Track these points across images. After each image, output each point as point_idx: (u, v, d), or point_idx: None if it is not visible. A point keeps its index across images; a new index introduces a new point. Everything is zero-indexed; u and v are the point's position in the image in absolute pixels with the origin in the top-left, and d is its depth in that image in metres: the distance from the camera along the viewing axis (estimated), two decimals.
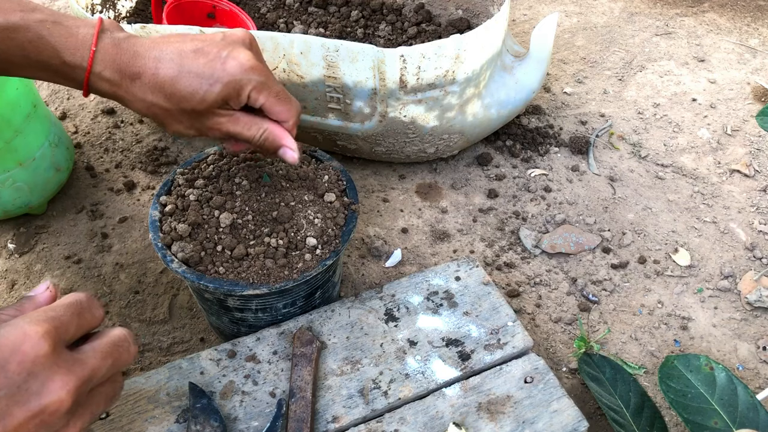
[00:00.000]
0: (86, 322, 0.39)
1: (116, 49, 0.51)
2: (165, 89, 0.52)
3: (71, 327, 0.37)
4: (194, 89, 0.52)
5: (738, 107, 1.09)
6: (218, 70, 0.51)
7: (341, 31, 1.05)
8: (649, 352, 0.75)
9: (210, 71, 0.51)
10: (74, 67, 0.51)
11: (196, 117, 0.54)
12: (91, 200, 0.91)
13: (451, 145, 0.89)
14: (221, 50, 0.52)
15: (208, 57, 0.52)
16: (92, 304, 0.40)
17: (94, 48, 0.51)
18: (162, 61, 0.51)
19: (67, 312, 0.37)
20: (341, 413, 0.58)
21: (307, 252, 0.61)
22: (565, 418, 0.57)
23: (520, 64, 0.91)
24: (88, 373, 0.37)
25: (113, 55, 0.51)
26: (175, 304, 0.79)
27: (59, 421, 0.35)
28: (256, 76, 0.53)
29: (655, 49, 1.22)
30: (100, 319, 0.40)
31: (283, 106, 0.56)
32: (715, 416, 0.58)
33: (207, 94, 0.52)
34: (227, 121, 0.55)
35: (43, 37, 0.50)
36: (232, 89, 0.52)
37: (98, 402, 0.39)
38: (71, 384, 0.35)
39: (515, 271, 0.83)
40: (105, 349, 0.39)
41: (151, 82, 0.52)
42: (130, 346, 0.41)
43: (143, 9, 1.05)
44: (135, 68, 0.51)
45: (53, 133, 0.85)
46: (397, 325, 0.65)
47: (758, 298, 0.79)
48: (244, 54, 0.52)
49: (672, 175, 0.97)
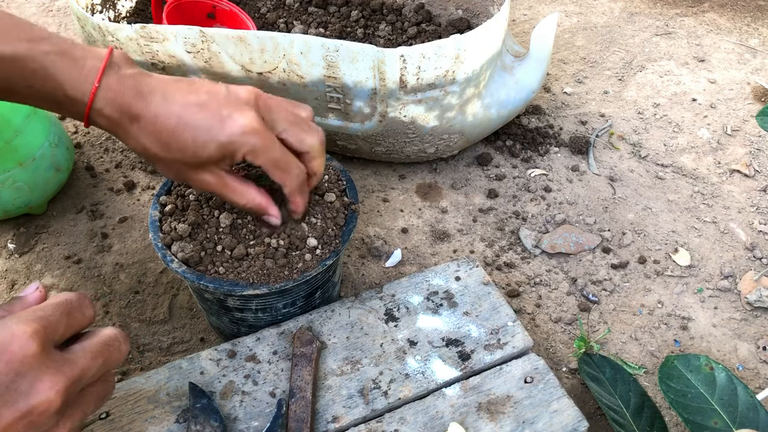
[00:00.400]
0: (76, 322, 0.38)
1: (120, 87, 0.50)
2: (161, 138, 0.51)
3: (60, 326, 0.37)
4: (188, 144, 0.50)
5: (738, 107, 1.09)
6: (215, 128, 0.50)
7: (341, 31, 1.05)
8: (649, 352, 0.75)
9: (207, 128, 0.50)
10: (75, 101, 0.50)
11: (186, 169, 0.53)
12: (91, 200, 0.91)
13: (451, 145, 0.89)
14: (223, 108, 0.51)
15: (209, 113, 0.51)
16: (83, 304, 0.39)
17: (97, 84, 0.49)
18: (163, 108, 0.50)
19: (56, 311, 0.37)
20: (341, 413, 0.58)
21: (307, 252, 0.61)
22: (565, 418, 0.57)
23: (520, 64, 0.91)
24: (78, 373, 0.36)
25: (116, 93, 0.50)
26: (175, 304, 0.79)
27: (48, 422, 0.35)
28: (253, 140, 0.51)
29: (655, 49, 1.22)
30: (91, 319, 0.40)
31: (278, 172, 0.54)
32: (715, 416, 0.58)
33: (199, 151, 0.51)
34: (215, 183, 0.54)
35: (47, 69, 0.49)
36: (226, 150, 0.51)
37: (89, 402, 0.39)
38: (60, 384, 0.35)
39: (515, 271, 0.83)
40: (95, 348, 0.38)
41: (149, 128, 0.51)
42: (121, 345, 0.40)
43: (143, 9, 1.05)
44: (135, 110, 0.50)
45: (53, 133, 0.85)
46: (397, 325, 0.65)
47: (758, 298, 0.79)
48: (246, 116, 0.51)
49: (672, 175, 0.97)
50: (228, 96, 0.52)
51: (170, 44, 0.77)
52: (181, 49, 0.78)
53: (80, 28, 0.83)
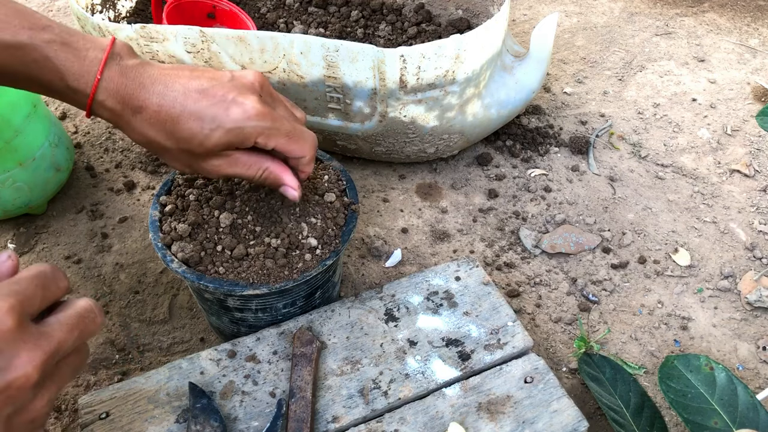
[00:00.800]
0: (51, 294, 0.38)
1: (122, 78, 0.50)
2: (166, 128, 0.50)
3: (36, 300, 0.37)
4: (194, 132, 0.50)
5: (738, 107, 1.09)
6: (221, 115, 0.50)
7: (341, 31, 1.05)
8: (649, 352, 0.75)
9: (212, 116, 0.50)
10: (77, 92, 0.50)
11: (194, 158, 0.53)
12: (91, 200, 0.91)
13: (451, 145, 0.89)
14: (227, 93, 0.50)
15: (212, 100, 0.50)
16: (56, 275, 0.39)
17: (99, 76, 0.49)
18: (166, 98, 0.50)
19: (31, 284, 0.37)
20: (341, 413, 0.58)
21: (307, 252, 0.61)
22: (565, 418, 0.57)
23: (520, 64, 0.91)
24: (55, 347, 0.36)
25: (118, 85, 0.50)
26: (175, 304, 0.79)
27: (26, 396, 0.35)
28: (262, 122, 0.51)
29: (655, 49, 1.22)
30: (65, 290, 0.39)
31: (295, 145, 0.54)
32: (715, 416, 0.58)
33: (207, 139, 0.50)
34: (225, 164, 0.53)
35: (49, 59, 0.49)
36: (234, 137, 0.51)
37: (65, 373, 0.39)
38: (38, 359, 0.35)
39: (515, 271, 0.83)
40: (71, 321, 0.38)
41: (152, 119, 0.50)
42: (96, 316, 0.40)
43: (143, 9, 1.05)
44: (138, 101, 0.50)
45: (53, 133, 0.85)
46: (397, 325, 0.65)
47: (758, 298, 0.79)
48: (251, 100, 0.51)
49: (672, 175, 0.97)
50: (232, 81, 0.52)
51: (170, 44, 0.77)
52: (181, 49, 0.78)
53: (80, 28, 0.83)
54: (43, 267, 0.38)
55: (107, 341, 0.75)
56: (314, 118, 0.84)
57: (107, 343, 0.74)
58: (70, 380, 0.39)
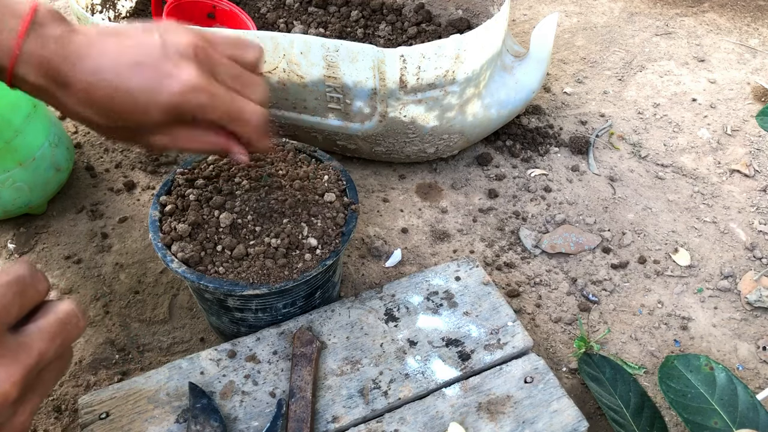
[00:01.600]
0: (29, 300, 0.35)
1: (43, 51, 0.44)
2: (98, 105, 0.47)
3: (14, 308, 0.34)
4: (128, 109, 0.47)
5: (738, 107, 1.09)
6: (155, 90, 0.46)
7: (341, 31, 1.05)
8: (649, 352, 0.75)
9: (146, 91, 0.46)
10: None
11: (133, 134, 0.50)
12: (91, 200, 0.91)
13: (451, 145, 0.89)
14: (161, 65, 0.46)
15: (145, 73, 0.46)
16: (35, 278, 0.36)
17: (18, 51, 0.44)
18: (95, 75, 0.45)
19: (8, 292, 0.34)
20: (341, 413, 0.58)
21: (307, 252, 0.61)
22: (565, 418, 0.57)
23: (520, 64, 0.91)
24: (35, 360, 0.34)
25: (39, 58, 0.44)
26: (175, 304, 0.79)
27: (6, 413, 0.33)
28: (200, 97, 0.47)
29: (655, 49, 1.22)
30: (45, 293, 0.37)
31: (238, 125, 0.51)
32: (715, 416, 0.58)
33: (142, 117, 0.47)
34: (168, 139, 0.51)
35: None
36: (171, 112, 0.47)
37: (47, 382, 0.37)
38: (17, 375, 0.33)
39: (515, 271, 0.83)
40: (52, 329, 0.36)
41: (81, 95, 0.46)
42: (79, 321, 0.38)
43: (143, 9, 1.05)
44: (63, 76, 0.45)
45: (53, 133, 0.85)
46: (397, 325, 0.65)
47: (758, 298, 0.79)
48: (187, 71, 0.46)
49: (672, 175, 0.97)
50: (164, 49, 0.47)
51: None
52: None
53: None
54: (21, 270, 0.35)
55: (107, 341, 0.75)
56: (314, 118, 0.84)
57: (107, 343, 0.74)
58: (54, 386, 0.37)
